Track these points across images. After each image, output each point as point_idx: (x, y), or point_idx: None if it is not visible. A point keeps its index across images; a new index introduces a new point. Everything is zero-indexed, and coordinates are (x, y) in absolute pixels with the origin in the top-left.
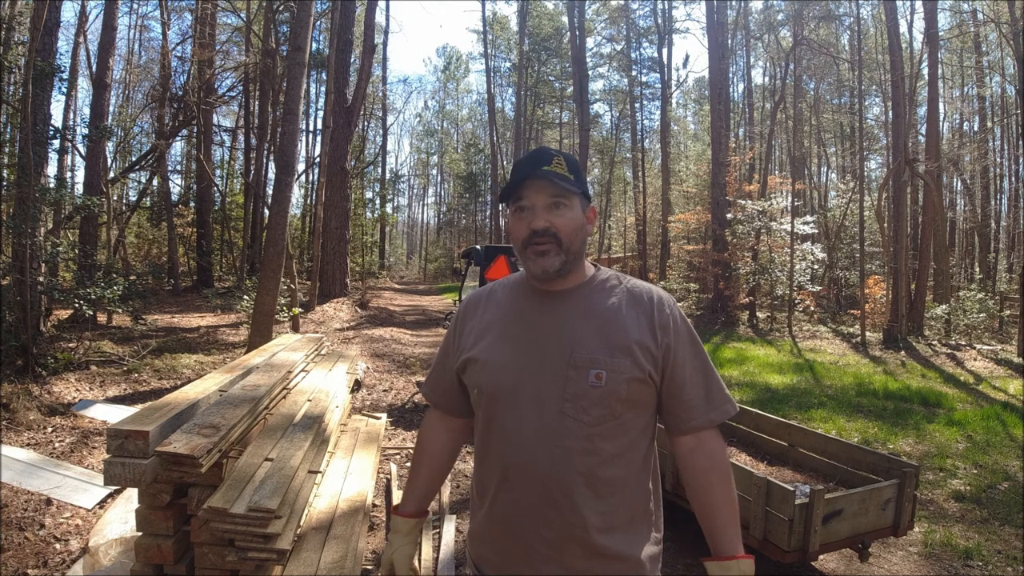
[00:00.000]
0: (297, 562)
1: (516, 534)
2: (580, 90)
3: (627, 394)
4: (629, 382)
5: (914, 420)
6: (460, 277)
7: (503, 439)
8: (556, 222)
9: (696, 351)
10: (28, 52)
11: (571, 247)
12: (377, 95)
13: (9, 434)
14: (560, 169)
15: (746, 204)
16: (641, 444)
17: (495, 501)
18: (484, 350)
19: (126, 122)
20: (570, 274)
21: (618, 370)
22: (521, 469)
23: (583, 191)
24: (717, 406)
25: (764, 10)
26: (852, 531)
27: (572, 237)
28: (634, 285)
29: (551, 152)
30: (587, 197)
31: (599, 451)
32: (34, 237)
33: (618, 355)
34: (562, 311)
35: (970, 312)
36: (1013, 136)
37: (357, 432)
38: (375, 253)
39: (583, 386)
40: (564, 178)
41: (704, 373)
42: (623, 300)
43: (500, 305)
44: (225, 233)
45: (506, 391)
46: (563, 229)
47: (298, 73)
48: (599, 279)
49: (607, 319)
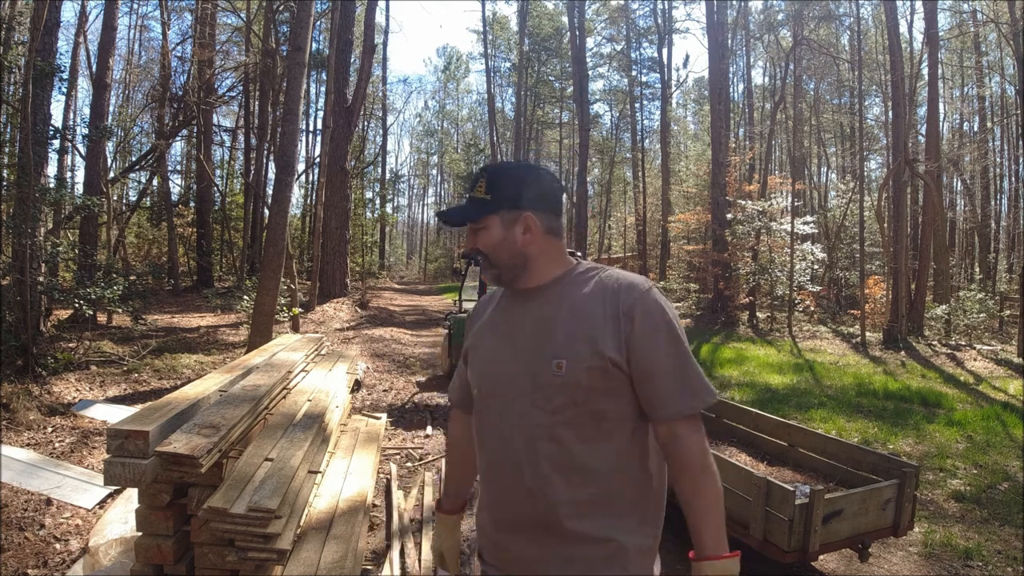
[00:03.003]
0: (297, 562)
1: (500, 521)
2: (580, 90)
3: (588, 382)
4: (589, 371)
5: (914, 420)
6: (460, 277)
7: (488, 431)
8: (479, 244)
9: (670, 338)
10: (28, 52)
11: (499, 261)
12: (377, 95)
13: (9, 434)
14: (479, 193)
15: (746, 204)
16: (620, 433)
17: (484, 490)
18: (475, 346)
19: (126, 122)
20: (525, 275)
21: (577, 359)
22: (500, 458)
23: (504, 206)
24: (690, 395)
25: (764, 10)
26: (852, 531)
27: (496, 253)
28: (609, 275)
29: (478, 175)
30: (514, 207)
31: (563, 439)
32: (34, 237)
33: (577, 343)
34: (535, 306)
35: (970, 312)
36: (1013, 136)
37: (357, 432)
38: (375, 253)
39: (547, 376)
40: (476, 204)
41: (677, 360)
42: (592, 290)
43: (496, 304)
44: (225, 233)
45: (488, 384)
46: (486, 248)
47: (298, 73)
48: (577, 272)
49: (573, 310)
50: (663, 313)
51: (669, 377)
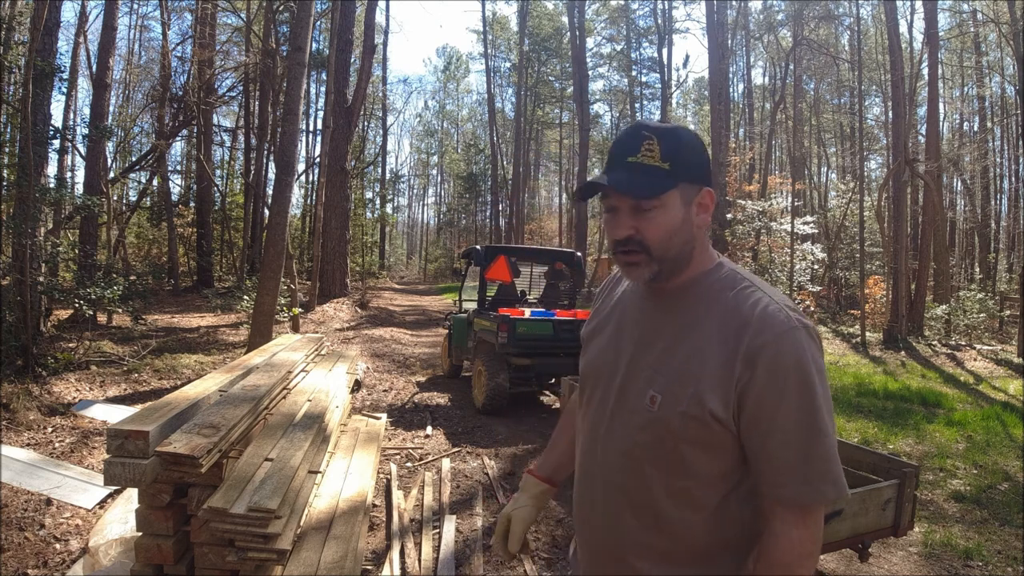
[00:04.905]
0: (297, 562)
1: (578, 522)
2: (580, 90)
3: (681, 431)
4: (684, 417)
5: (914, 420)
6: (460, 277)
7: (581, 425)
8: (643, 228)
9: (801, 400)
10: (28, 52)
11: (666, 255)
12: (377, 95)
13: (9, 434)
14: (650, 158)
15: (746, 204)
16: (714, 492)
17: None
18: (590, 331)
19: (126, 122)
20: (676, 275)
21: (674, 400)
22: (584, 461)
23: (685, 178)
24: (802, 480)
25: (764, 10)
26: (852, 531)
27: (665, 243)
28: (748, 294)
29: (643, 133)
30: (696, 180)
31: (645, 475)
32: (34, 237)
33: (679, 381)
34: (655, 310)
35: (970, 312)
36: (1013, 136)
37: (357, 432)
38: (375, 253)
39: (638, 403)
40: (650, 173)
41: (801, 433)
42: (718, 313)
43: (623, 287)
44: (225, 233)
45: (590, 380)
46: (651, 236)
47: (298, 73)
48: (711, 279)
49: (689, 334)
50: (800, 366)
51: (784, 450)
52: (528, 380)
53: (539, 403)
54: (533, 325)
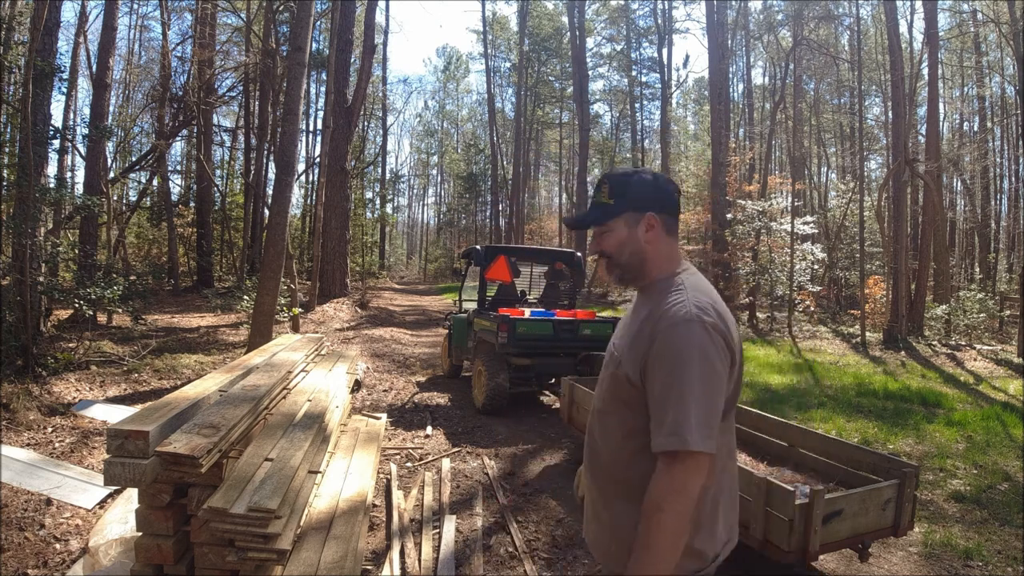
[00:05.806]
0: (297, 562)
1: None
2: (580, 90)
3: (612, 388)
4: (614, 377)
5: (914, 420)
6: (460, 277)
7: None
8: (603, 244)
9: (677, 371)
10: (28, 52)
11: (620, 261)
12: (377, 95)
13: (9, 434)
14: (603, 198)
15: (746, 204)
16: (630, 444)
17: None
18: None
19: (126, 122)
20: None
21: (612, 363)
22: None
23: (628, 208)
24: (666, 432)
25: (764, 10)
26: (852, 531)
27: (618, 254)
28: (671, 297)
29: (601, 180)
30: (640, 208)
31: (595, 432)
32: (34, 237)
33: (626, 355)
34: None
35: (970, 312)
36: (1013, 136)
37: (357, 432)
38: (375, 253)
39: (606, 373)
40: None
41: (672, 395)
42: (654, 307)
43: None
44: (225, 233)
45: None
46: (608, 250)
47: (298, 73)
48: (662, 284)
49: (637, 321)
50: (685, 346)
51: (657, 408)
52: (528, 380)
53: (539, 403)
54: (533, 325)
